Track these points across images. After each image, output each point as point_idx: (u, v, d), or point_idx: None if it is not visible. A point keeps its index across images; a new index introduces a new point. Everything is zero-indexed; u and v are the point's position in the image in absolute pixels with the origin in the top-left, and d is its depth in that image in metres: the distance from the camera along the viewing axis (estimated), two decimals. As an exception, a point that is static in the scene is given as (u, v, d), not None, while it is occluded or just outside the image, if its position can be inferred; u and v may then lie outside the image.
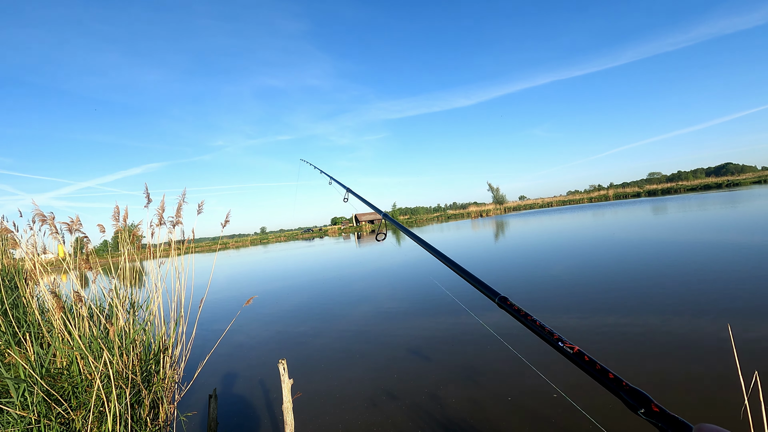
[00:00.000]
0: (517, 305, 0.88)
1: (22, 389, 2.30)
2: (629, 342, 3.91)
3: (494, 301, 0.94)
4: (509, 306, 0.89)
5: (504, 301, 0.91)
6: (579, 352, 0.70)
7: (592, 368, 0.67)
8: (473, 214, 65.44)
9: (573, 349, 0.71)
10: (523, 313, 0.84)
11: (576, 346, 0.71)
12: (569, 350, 0.71)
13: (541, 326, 0.79)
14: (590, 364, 0.68)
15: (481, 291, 1.01)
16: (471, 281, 1.06)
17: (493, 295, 0.95)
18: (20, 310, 3.89)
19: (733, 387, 2.82)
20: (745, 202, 20.13)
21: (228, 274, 16.65)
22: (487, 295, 0.98)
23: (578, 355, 0.70)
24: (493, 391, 3.30)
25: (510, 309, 0.88)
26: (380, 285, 9.20)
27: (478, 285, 1.03)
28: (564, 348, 0.72)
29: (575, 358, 0.70)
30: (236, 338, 5.92)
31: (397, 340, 4.96)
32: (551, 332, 0.76)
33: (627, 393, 0.63)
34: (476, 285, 1.03)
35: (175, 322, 3.30)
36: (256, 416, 3.39)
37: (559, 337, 0.74)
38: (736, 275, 5.77)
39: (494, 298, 0.94)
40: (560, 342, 0.73)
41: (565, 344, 0.72)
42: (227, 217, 3.65)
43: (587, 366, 0.68)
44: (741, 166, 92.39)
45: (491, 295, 0.96)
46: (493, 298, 0.94)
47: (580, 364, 0.69)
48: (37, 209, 3.11)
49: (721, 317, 4.21)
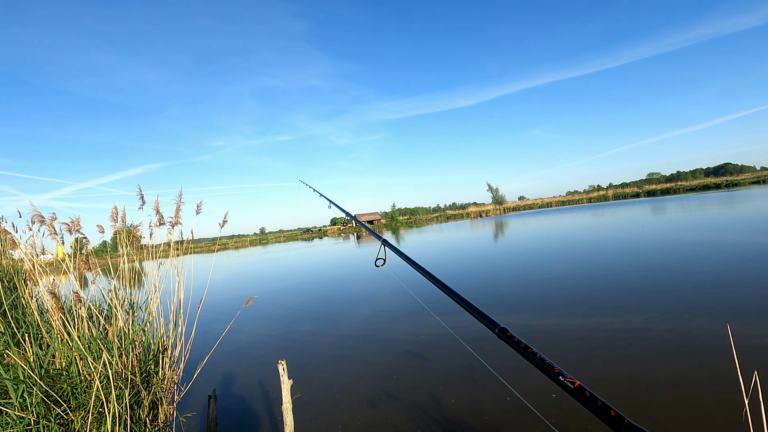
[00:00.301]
0: (516, 337, 0.86)
1: (21, 390, 2.30)
2: (628, 342, 3.91)
3: (494, 332, 0.92)
4: (509, 338, 0.87)
5: (504, 333, 0.89)
6: (580, 387, 0.69)
7: (594, 404, 0.66)
8: (473, 215, 65.46)
9: (574, 384, 0.70)
10: (522, 345, 0.83)
11: (577, 381, 0.70)
12: (570, 385, 0.70)
13: (541, 359, 0.77)
14: (591, 399, 0.67)
15: (480, 321, 0.99)
16: (471, 311, 1.04)
17: (493, 326, 0.93)
18: (19, 311, 3.88)
19: (733, 387, 2.82)
20: (743, 202, 20.16)
21: (227, 274, 16.63)
22: (486, 325, 0.96)
23: (579, 390, 0.69)
24: (492, 392, 3.30)
25: (510, 341, 0.86)
26: (379, 285, 9.20)
27: (477, 315, 1.01)
28: (565, 383, 0.71)
29: (576, 393, 0.69)
30: (236, 339, 5.92)
31: (396, 340, 4.96)
32: (551, 366, 0.75)
33: (628, 430, 0.62)
34: (475, 315, 1.02)
35: (174, 322, 3.30)
36: (256, 417, 3.39)
37: (560, 371, 0.73)
38: (735, 275, 5.77)
39: (494, 329, 0.92)
40: (561, 376, 0.72)
41: (566, 379, 0.71)
42: (225, 217, 3.65)
43: (588, 402, 0.67)
44: (740, 166, 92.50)
45: (490, 325, 0.95)
46: (493, 329, 0.93)
47: (581, 400, 0.68)
48: (35, 210, 3.10)
49: (720, 317, 4.22)
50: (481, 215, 62.22)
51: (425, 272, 1.37)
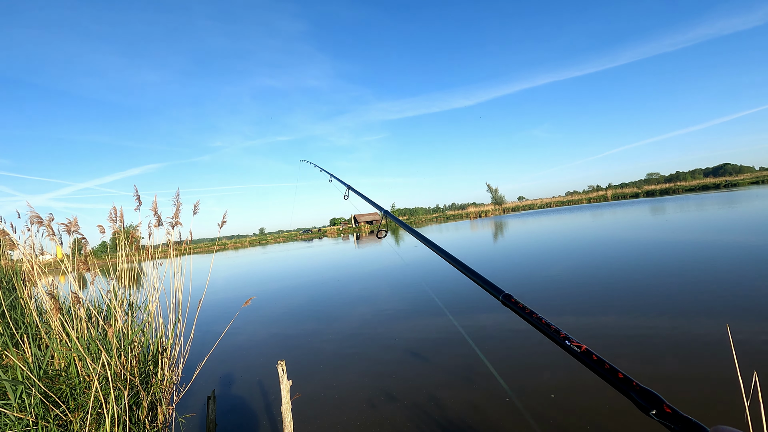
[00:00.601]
0: (521, 303, 0.84)
1: (19, 391, 2.29)
2: (627, 342, 3.91)
3: (498, 298, 0.91)
4: (513, 303, 0.85)
5: (508, 299, 0.88)
6: (587, 351, 0.67)
7: (601, 367, 0.64)
8: (472, 215, 65.47)
9: (580, 348, 0.68)
10: (528, 310, 0.81)
11: (584, 345, 0.68)
12: (576, 349, 0.68)
13: (546, 324, 0.75)
14: (598, 363, 0.65)
15: (484, 288, 0.98)
16: (474, 278, 1.03)
17: (497, 293, 0.93)
18: (18, 312, 3.87)
19: (732, 387, 2.82)
20: (743, 202, 20.18)
21: (227, 275, 16.62)
22: (490, 292, 0.95)
23: (586, 354, 0.67)
24: (492, 392, 3.30)
25: (514, 306, 0.84)
26: (379, 286, 9.20)
27: (481, 282, 1.00)
28: (571, 347, 0.69)
29: (583, 357, 0.67)
30: (235, 339, 5.91)
31: (395, 340, 4.96)
32: (557, 330, 0.73)
33: (638, 393, 0.60)
34: (479, 282, 1.01)
35: (173, 323, 3.29)
36: (255, 418, 3.38)
37: (566, 335, 0.71)
38: (734, 276, 5.78)
39: (498, 296, 0.92)
40: (567, 341, 0.70)
41: (572, 343, 0.69)
42: (224, 217, 3.64)
43: (595, 365, 0.65)
44: (739, 166, 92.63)
45: (495, 292, 0.94)
46: (497, 296, 0.92)
47: (588, 363, 0.66)
48: (32, 211, 3.09)
49: (720, 317, 4.22)
50: (481, 215, 62.23)
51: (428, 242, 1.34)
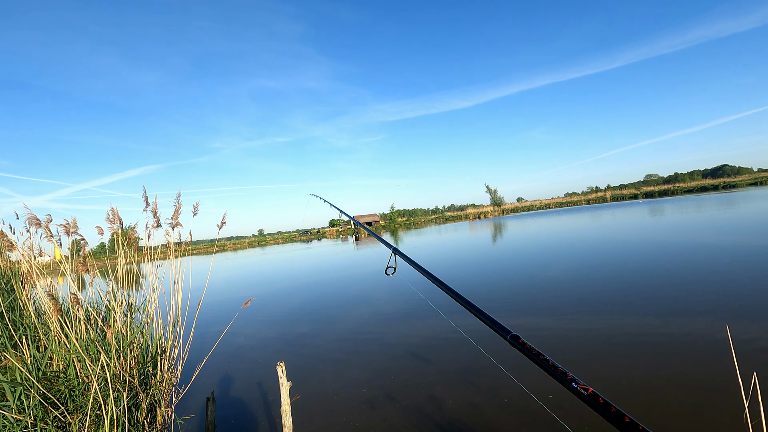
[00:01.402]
0: (529, 344, 0.85)
1: (18, 393, 2.29)
2: (627, 343, 3.92)
3: (506, 338, 0.92)
4: (521, 344, 0.86)
5: (516, 339, 0.89)
6: (593, 394, 0.68)
7: (608, 411, 0.65)
8: (471, 216, 65.53)
9: (587, 391, 0.69)
10: (535, 352, 0.82)
11: (590, 388, 0.69)
12: (583, 392, 0.69)
13: (554, 366, 0.77)
14: (605, 407, 0.66)
15: (491, 327, 0.98)
16: (481, 318, 1.04)
17: (505, 333, 0.93)
18: (16, 313, 3.86)
19: (732, 388, 2.82)
20: (741, 203, 20.24)
21: (226, 276, 16.60)
22: (497, 332, 0.96)
23: (593, 397, 0.68)
24: (491, 393, 3.29)
25: (522, 348, 0.86)
26: (378, 287, 9.20)
27: (489, 322, 1.01)
28: (578, 389, 0.70)
29: (590, 400, 0.68)
30: (234, 341, 5.90)
31: (394, 342, 4.96)
32: (564, 372, 0.74)
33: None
34: (486, 322, 1.02)
35: (172, 324, 3.29)
36: (255, 419, 3.38)
37: (573, 377, 0.73)
38: (733, 277, 5.79)
39: (506, 336, 0.92)
40: (574, 383, 0.71)
41: (579, 386, 0.70)
42: (223, 218, 3.64)
43: (602, 409, 0.66)
44: (737, 168, 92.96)
45: (502, 332, 0.94)
46: (505, 336, 0.92)
47: (594, 407, 0.67)
48: (29, 213, 3.09)
49: (719, 318, 4.23)
50: (480, 217, 62.29)
51: (436, 280, 1.37)
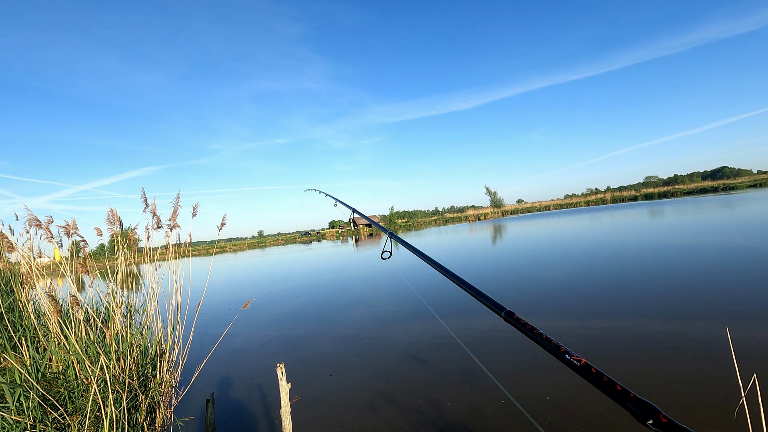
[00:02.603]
0: (523, 319, 0.87)
1: (17, 394, 2.28)
2: (626, 345, 3.92)
3: (500, 315, 0.94)
4: (515, 320, 0.89)
5: (510, 315, 0.91)
6: (586, 365, 0.71)
7: (600, 380, 0.68)
8: (471, 218, 65.55)
9: (580, 362, 0.71)
10: (529, 326, 0.85)
11: (583, 359, 0.72)
12: (576, 363, 0.72)
13: (547, 339, 0.79)
14: (597, 376, 0.68)
15: (486, 305, 1.00)
16: (476, 296, 1.06)
17: (499, 310, 0.95)
18: (16, 314, 3.86)
19: (732, 391, 2.82)
20: (741, 205, 20.25)
21: (225, 277, 16.59)
22: (492, 309, 0.98)
23: (585, 368, 0.70)
24: (489, 394, 3.29)
25: (516, 323, 0.88)
26: (377, 289, 9.19)
27: (483, 299, 1.03)
28: (571, 361, 0.73)
29: (582, 370, 0.71)
30: (234, 342, 5.90)
31: (394, 343, 4.95)
32: (558, 345, 0.77)
33: (635, 404, 0.63)
34: (481, 299, 1.03)
35: (172, 325, 3.28)
36: (254, 421, 3.37)
37: (566, 350, 0.75)
38: (733, 278, 5.79)
39: (500, 312, 0.94)
40: (567, 355, 0.74)
41: (572, 357, 0.73)
42: (223, 220, 3.64)
43: (595, 378, 0.69)
44: (737, 170, 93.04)
45: (497, 309, 0.96)
46: (499, 313, 0.94)
47: (587, 377, 0.70)
48: (29, 214, 3.09)
49: (719, 321, 4.23)
50: (480, 218, 62.31)
51: (431, 261, 1.38)
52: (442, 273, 1.27)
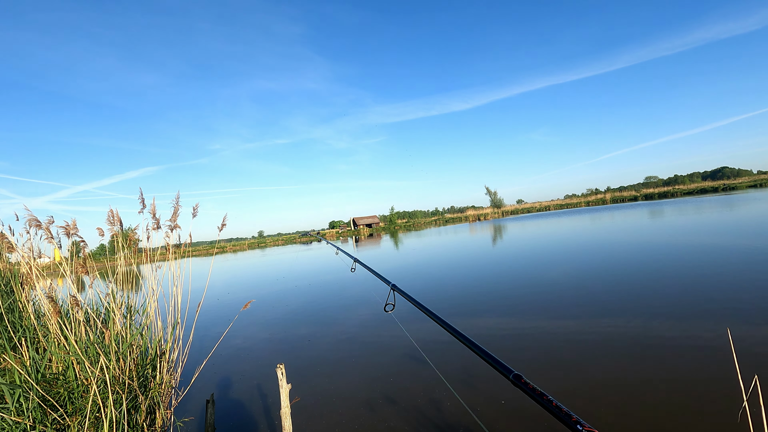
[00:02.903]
0: (531, 384, 0.86)
1: (17, 395, 2.28)
2: (628, 346, 3.91)
3: (508, 378, 0.93)
4: (524, 384, 0.87)
5: (518, 379, 0.90)
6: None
7: None
8: (471, 218, 65.56)
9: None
10: (538, 392, 0.82)
11: (595, 430, 0.69)
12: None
13: (558, 407, 0.76)
14: None
15: (494, 368, 1.00)
16: (484, 357, 1.06)
17: (507, 372, 0.94)
18: (16, 315, 3.86)
19: (733, 391, 2.82)
20: (741, 205, 20.23)
21: (225, 278, 16.58)
22: (500, 371, 0.97)
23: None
24: (489, 395, 3.29)
25: (525, 387, 0.86)
26: (377, 289, 9.18)
27: (491, 361, 1.03)
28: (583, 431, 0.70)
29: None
30: (234, 343, 5.89)
31: (393, 344, 4.95)
32: (569, 414, 0.74)
33: None
34: (489, 361, 1.03)
35: (172, 326, 3.28)
36: (254, 422, 3.37)
37: (578, 419, 0.72)
38: (734, 279, 5.79)
39: (508, 376, 0.93)
40: (579, 425, 0.71)
41: (584, 428, 0.70)
42: (224, 220, 3.64)
43: None
44: (737, 170, 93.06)
45: (504, 372, 0.95)
46: (507, 376, 0.94)
47: None
48: (29, 214, 3.08)
49: (720, 321, 4.22)
50: (480, 219, 62.31)
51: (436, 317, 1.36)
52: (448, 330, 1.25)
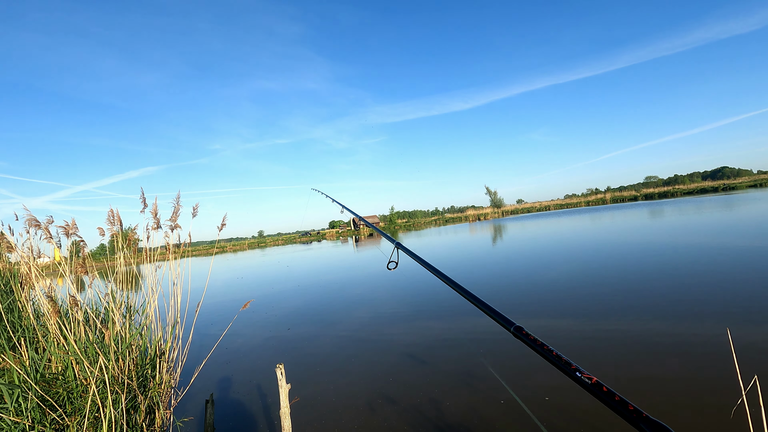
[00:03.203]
0: (533, 335, 0.87)
1: (16, 395, 2.28)
2: (627, 346, 3.91)
3: (509, 330, 0.93)
4: (525, 336, 0.88)
5: (519, 331, 0.90)
6: (597, 383, 0.69)
7: (611, 399, 0.66)
8: (471, 218, 65.56)
9: (591, 380, 0.70)
10: (539, 343, 0.84)
11: (594, 377, 0.70)
12: (587, 381, 0.70)
13: (558, 356, 0.78)
14: (609, 395, 0.67)
15: (495, 320, 1.00)
16: (485, 310, 1.06)
17: (508, 325, 0.95)
18: (15, 315, 3.85)
19: (733, 391, 2.82)
20: (741, 205, 20.23)
21: (225, 278, 16.58)
22: (501, 324, 0.97)
23: (596, 386, 0.69)
24: (489, 394, 3.29)
25: (526, 339, 0.87)
26: (377, 289, 9.18)
27: (492, 314, 1.03)
28: (582, 378, 0.71)
29: (593, 389, 0.69)
30: (233, 342, 5.89)
31: (393, 344, 4.95)
32: (568, 363, 0.75)
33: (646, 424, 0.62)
34: (490, 314, 1.03)
35: (171, 326, 3.28)
36: (254, 422, 3.36)
37: (577, 367, 0.73)
38: (734, 279, 5.78)
39: (509, 328, 0.94)
40: (578, 372, 0.72)
41: (583, 375, 0.71)
42: (224, 220, 3.64)
43: (606, 397, 0.67)
44: (737, 170, 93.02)
45: (506, 324, 0.96)
46: (508, 328, 0.94)
47: (598, 395, 0.68)
48: (29, 214, 3.08)
49: (720, 321, 4.22)
50: (480, 218, 62.32)
51: (439, 273, 1.37)
52: (450, 285, 1.26)
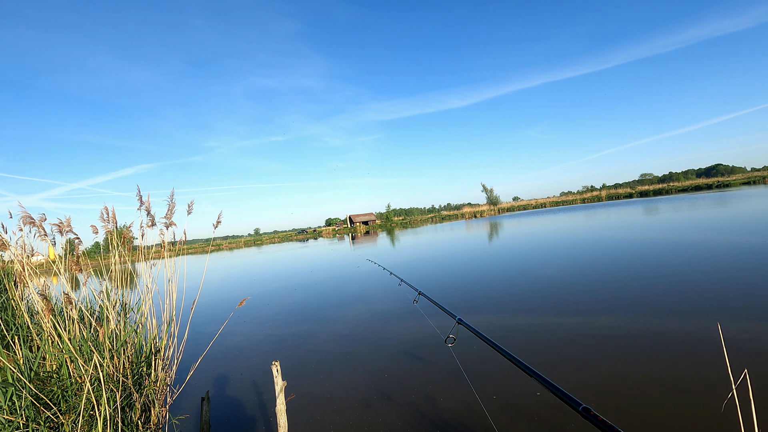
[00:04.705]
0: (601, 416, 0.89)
1: (10, 393, 2.27)
2: (620, 342, 3.95)
3: (577, 410, 0.96)
4: (593, 417, 0.90)
5: (587, 412, 0.92)
6: None
7: None
8: (467, 215, 65.68)
9: None
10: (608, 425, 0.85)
11: None
12: None
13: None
14: None
15: (561, 399, 1.03)
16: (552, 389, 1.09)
17: (576, 405, 0.97)
18: (9, 313, 3.83)
19: (723, 386, 2.85)
20: (734, 202, 20.41)
21: (221, 275, 16.54)
22: (568, 404, 1.00)
23: None
24: (483, 391, 3.31)
25: (594, 420, 0.89)
26: (373, 286, 9.20)
27: (558, 393, 1.05)
28: None
29: None
30: (229, 340, 5.89)
31: (389, 341, 4.96)
32: None
33: None
34: (557, 393, 1.06)
35: (167, 324, 3.27)
36: (249, 419, 3.37)
37: None
38: (726, 275, 5.84)
39: (577, 408, 0.96)
40: None
41: None
42: (219, 218, 3.63)
43: None
44: (731, 167, 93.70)
45: (573, 404, 0.98)
46: (576, 408, 0.96)
47: None
48: (24, 212, 3.06)
49: (711, 317, 4.26)
50: (476, 216, 62.47)
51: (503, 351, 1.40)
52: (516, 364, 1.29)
